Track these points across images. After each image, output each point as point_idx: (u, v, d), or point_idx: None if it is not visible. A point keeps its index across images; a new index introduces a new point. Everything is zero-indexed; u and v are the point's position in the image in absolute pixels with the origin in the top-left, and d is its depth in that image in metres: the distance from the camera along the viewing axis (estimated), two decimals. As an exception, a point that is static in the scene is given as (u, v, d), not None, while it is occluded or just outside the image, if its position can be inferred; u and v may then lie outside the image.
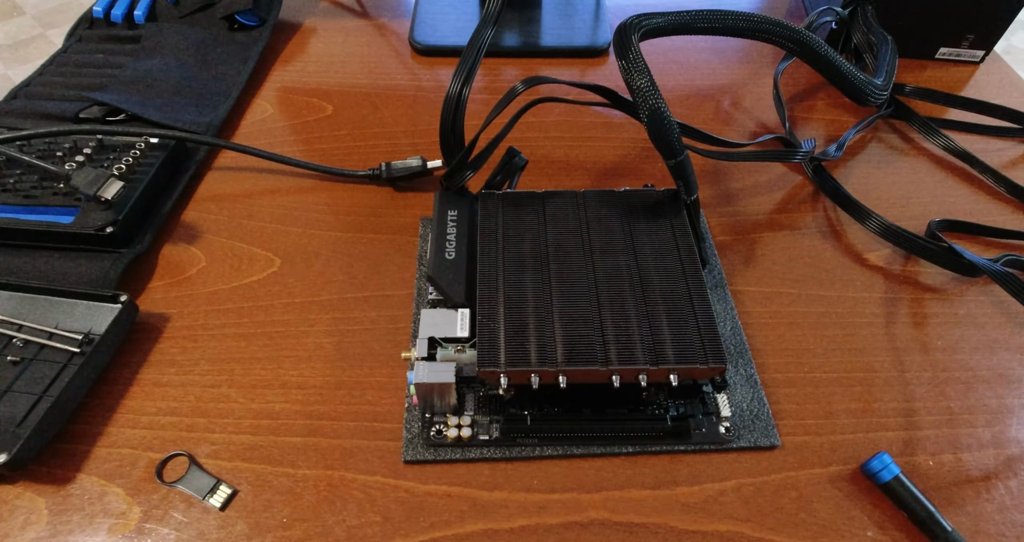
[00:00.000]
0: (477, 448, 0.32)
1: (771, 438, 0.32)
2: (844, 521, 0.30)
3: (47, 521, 0.30)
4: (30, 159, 0.41)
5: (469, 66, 0.34)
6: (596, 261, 0.33)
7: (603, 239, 0.35)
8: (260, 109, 0.52)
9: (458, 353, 0.31)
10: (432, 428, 0.32)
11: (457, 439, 0.32)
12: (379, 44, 0.60)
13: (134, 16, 0.58)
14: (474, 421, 0.32)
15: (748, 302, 0.38)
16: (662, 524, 0.30)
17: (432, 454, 0.31)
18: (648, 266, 0.33)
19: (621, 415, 0.32)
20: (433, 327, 0.32)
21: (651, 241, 0.34)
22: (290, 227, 0.43)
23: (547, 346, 0.30)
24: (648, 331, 0.30)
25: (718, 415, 0.33)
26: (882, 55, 0.49)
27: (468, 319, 0.32)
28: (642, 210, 0.36)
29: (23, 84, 0.53)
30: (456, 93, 0.35)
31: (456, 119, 0.35)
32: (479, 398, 0.33)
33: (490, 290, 0.32)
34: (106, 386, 0.35)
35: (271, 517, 0.30)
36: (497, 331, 0.30)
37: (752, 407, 0.33)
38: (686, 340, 0.30)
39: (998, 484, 0.31)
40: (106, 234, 0.39)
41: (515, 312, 0.31)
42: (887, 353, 0.36)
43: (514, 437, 0.32)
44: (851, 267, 0.40)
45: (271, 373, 0.35)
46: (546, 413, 0.33)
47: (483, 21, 0.34)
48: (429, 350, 0.31)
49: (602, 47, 0.57)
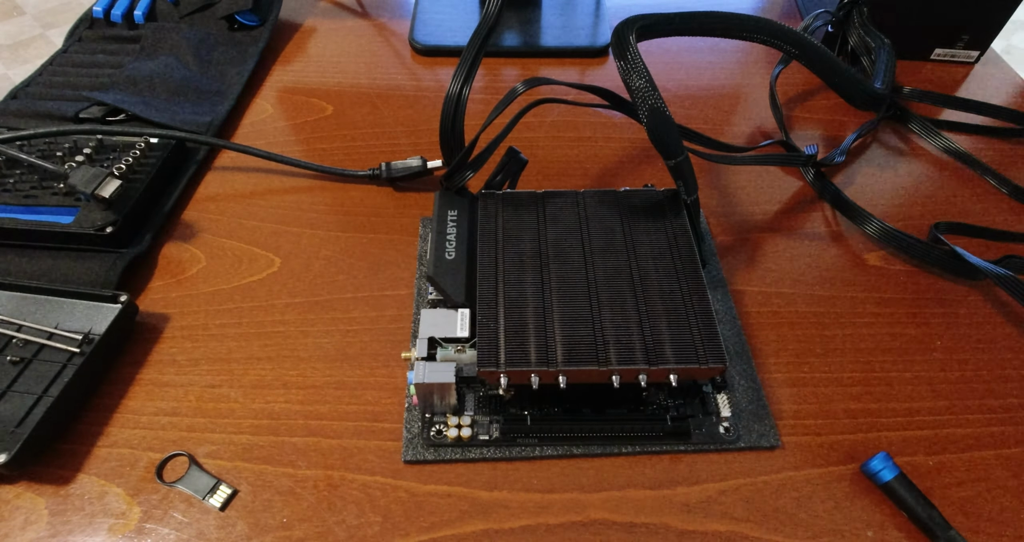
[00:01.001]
0: (477, 448, 0.32)
1: (771, 439, 0.32)
2: (844, 521, 0.30)
3: (47, 521, 0.30)
4: (30, 159, 0.41)
5: (468, 66, 0.34)
6: (596, 261, 0.33)
7: (603, 239, 0.34)
8: (260, 109, 0.52)
9: (458, 353, 0.31)
10: (432, 428, 0.32)
11: (457, 439, 0.32)
12: (379, 44, 0.60)
13: (134, 16, 0.58)
14: (474, 421, 0.32)
15: (748, 302, 0.38)
16: (662, 524, 0.30)
17: (432, 454, 0.31)
18: (648, 266, 0.33)
19: (621, 415, 0.32)
20: (433, 327, 0.32)
21: (651, 241, 0.34)
22: (290, 227, 0.43)
23: (547, 346, 0.30)
24: (648, 331, 0.30)
25: (718, 415, 0.33)
26: (879, 58, 0.49)
27: (468, 319, 0.32)
28: (642, 210, 0.36)
29: (23, 84, 0.53)
30: (456, 93, 0.35)
31: (456, 119, 0.35)
32: (479, 398, 0.33)
33: (490, 290, 0.32)
34: (106, 386, 0.35)
35: (271, 517, 0.30)
36: (497, 331, 0.30)
37: (752, 407, 0.33)
38: (685, 340, 0.30)
39: (998, 484, 0.31)
40: (106, 234, 0.39)
41: (515, 312, 0.31)
42: (887, 353, 0.36)
43: (514, 437, 0.32)
44: (851, 267, 0.40)
45: (271, 373, 0.35)
46: (546, 413, 0.33)
47: (483, 21, 0.34)
48: (429, 350, 0.31)
49: (602, 47, 0.57)
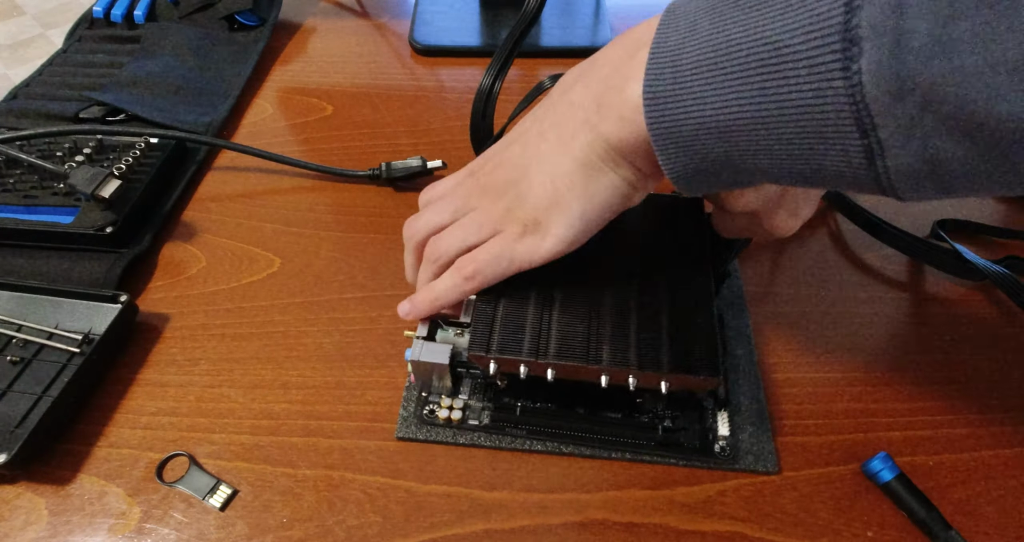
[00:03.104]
0: (467, 432, 0.32)
1: (768, 464, 0.31)
2: (844, 521, 0.30)
3: (47, 521, 0.30)
4: (30, 159, 0.41)
5: (503, 61, 0.37)
6: (604, 260, 0.33)
7: (615, 239, 0.34)
8: (260, 109, 0.52)
9: (457, 337, 0.32)
10: (426, 407, 0.33)
11: (448, 421, 0.32)
12: (379, 44, 0.60)
13: (134, 16, 0.58)
14: (467, 405, 0.33)
15: (748, 302, 0.38)
16: (662, 524, 0.30)
17: (424, 433, 0.32)
18: (656, 270, 0.32)
19: (613, 419, 0.32)
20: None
21: (663, 245, 0.33)
22: (290, 227, 0.43)
23: (541, 338, 0.29)
24: (646, 335, 0.29)
25: (715, 433, 0.32)
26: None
27: (472, 307, 0.33)
28: (659, 213, 0.35)
29: (23, 84, 0.53)
30: (488, 86, 0.38)
31: (487, 111, 0.38)
32: (476, 384, 0.34)
33: None
34: (106, 386, 0.35)
35: (271, 517, 0.30)
36: (494, 318, 0.30)
37: (754, 429, 0.32)
38: (681, 349, 0.29)
39: (998, 484, 0.31)
40: (106, 234, 0.39)
41: (514, 302, 0.31)
42: (887, 353, 0.36)
43: (503, 426, 0.32)
44: (851, 267, 0.40)
45: (271, 373, 0.35)
46: (538, 407, 0.33)
47: (521, 17, 0.37)
48: (430, 330, 0.32)
49: (602, 47, 0.57)
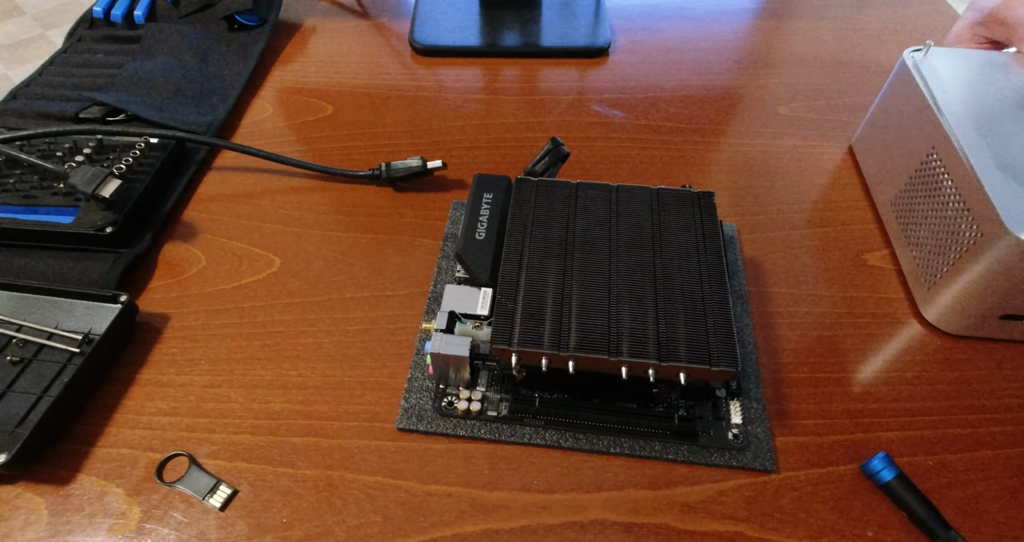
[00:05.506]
0: (485, 423, 0.32)
1: (765, 462, 0.31)
2: (844, 521, 0.30)
3: (47, 521, 0.30)
4: (30, 159, 0.41)
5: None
6: (621, 254, 0.33)
7: (631, 233, 0.34)
8: (260, 109, 0.52)
9: (475, 329, 0.32)
10: (444, 399, 0.33)
11: (467, 412, 0.32)
12: (379, 44, 0.60)
13: (134, 16, 0.58)
14: (485, 397, 0.33)
15: (748, 302, 0.38)
16: (662, 524, 0.30)
17: (424, 425, 0.32)
18: (672, 264, 0.33)
19: (630, 409, 0.33)
20: (456, 302, 0.33)
21: (679, 240, 0.34)
22: (290, 227, 0.43)
23: (561, 331, 0.30)
24: (664, 328, 0.30)
25: (728, 421, 0.32)
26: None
27: (490, 299, 0.33)
28: (674, 209, 0.36)
29: (23, 84, 0.53)
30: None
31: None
32: (492, 376, 0.34)
33: (513, 271, 0.32)
34: (106, 386, 0.35)
35: (271, 517, 0.30)
36: (514, 311, 0.31)
37: (753, 428, 0.32)
38: (700, 340, 0.30)
39: (998, 484, 0.31)
40: (106, 234, 0.39)
41: (534, 295, 0.31)
42: (887, 353, 0.36)
43: (521, 417, 0.32)
44: (851, 267, 0.40)
45: (271, 373, 0.35)
46: (555, 398, 0.33)
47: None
48: (448, 323, 0.32)
49: (602, 47, 0.57)
